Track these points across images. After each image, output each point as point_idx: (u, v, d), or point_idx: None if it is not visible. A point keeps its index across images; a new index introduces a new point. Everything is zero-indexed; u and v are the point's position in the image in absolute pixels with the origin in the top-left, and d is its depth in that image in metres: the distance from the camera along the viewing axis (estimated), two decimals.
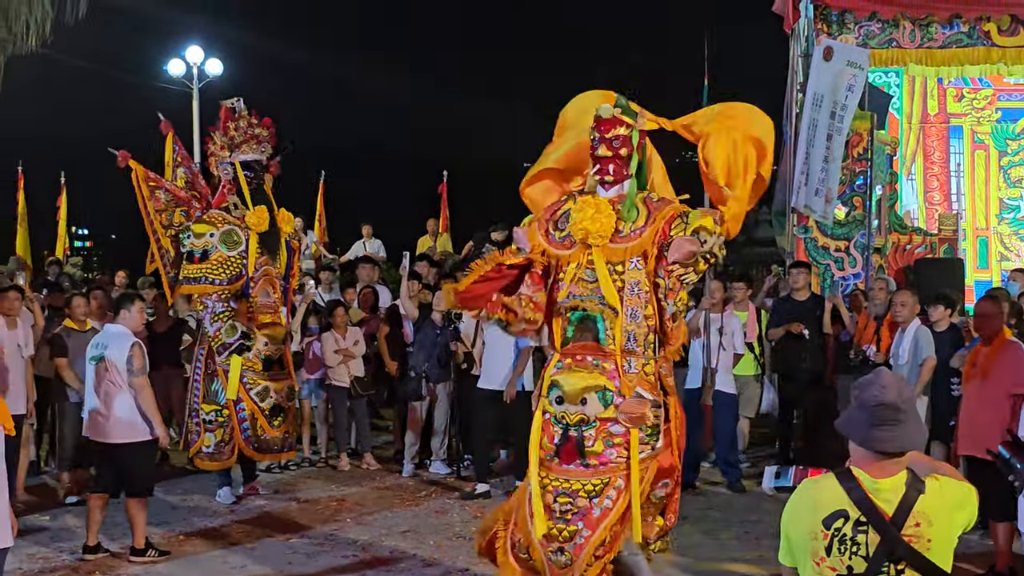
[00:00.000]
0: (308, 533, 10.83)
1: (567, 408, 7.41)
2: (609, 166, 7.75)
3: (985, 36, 17.51)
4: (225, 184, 12.39)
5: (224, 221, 12.16)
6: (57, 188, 25.36)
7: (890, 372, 4.14)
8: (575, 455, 7.36)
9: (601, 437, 7.35)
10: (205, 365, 12.06)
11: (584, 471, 7.35)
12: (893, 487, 3.98)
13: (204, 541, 10.61)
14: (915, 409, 4.07)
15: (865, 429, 4.02)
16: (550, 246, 7.78)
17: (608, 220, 7.55)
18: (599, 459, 7.35)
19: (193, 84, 31.24)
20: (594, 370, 7.43)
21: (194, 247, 12.02)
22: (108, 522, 10.39)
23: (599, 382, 7.39)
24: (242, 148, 12.33)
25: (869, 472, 4.02)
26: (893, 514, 3.95)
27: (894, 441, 3.98)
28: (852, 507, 3.98)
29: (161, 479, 12.62)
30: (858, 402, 4.07)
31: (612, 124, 7.76)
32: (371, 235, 21.14)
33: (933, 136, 21.24)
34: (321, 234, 23.57)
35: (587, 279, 7.60)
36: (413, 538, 10.60)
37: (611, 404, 7.38)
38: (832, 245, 16.61)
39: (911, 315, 11.64)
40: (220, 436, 11.97)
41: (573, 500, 7.32)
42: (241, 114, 12.41)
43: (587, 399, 7.37)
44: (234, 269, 12.09)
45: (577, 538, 7.29)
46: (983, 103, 21.12)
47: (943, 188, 21.25)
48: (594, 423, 7.35)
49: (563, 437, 7.40)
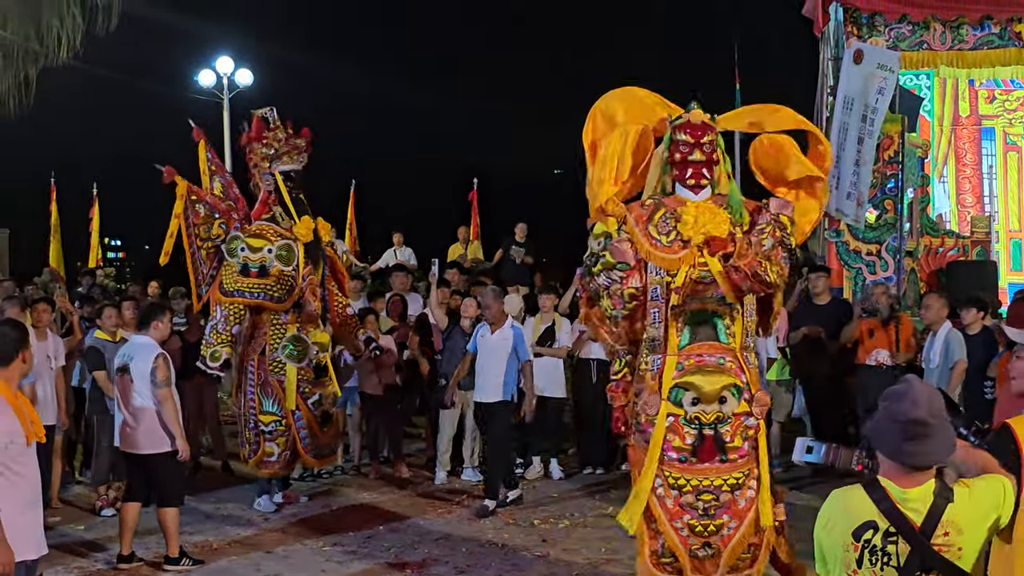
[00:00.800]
0: (341, 540, 10.83)
1: (703, 408, 7.52)
2: (703, 170, 7.84)
3: (1016, 37, 17.46)
4: (265, 195, 12.45)
5: (278, 235, 12.21)
6: (90, 199, 25.48)
7: (921, 384, 4.10)
8: (715, 452, 7.51)
9: (738, 432, 7.55)
10: (257, 376, 12.13)
11: (723, 466, 7.52)
12: (921, 497, 3.98)
13: (238, 549, 10.63)
14: (945, 421, 4.03)
15: (895, 443, 4.01)
16: (657, 251, 7.70)
17: (726, 223, 7.67)
18: (738, 453, 7.55)
19: (223, 94, 31.32)
20: (720, 369, 7.58)
21: (249, 261, 12.07)
22: (142, 531, 10.44)
23: (733, 380, 7.55)
24: (283, 159, 12.39)
25: (897, 482, 4.01)
26: (922, 524, 3.95)
27: (925, 456, 3.99)
28: (881, 518, 3.99)
29: (195, 488, 12.68)
30: (888, 414, 4.04)
31: (705, 129, 7.85)
32: (401, 243, 21.14)
33: (965, 138, 21.13)
34: (352, 243, 23.61)
35: (703, 280, 7.66)
36: (446, 545, 10.60)
37: (742, 399, 7.58)
38: (864, 249, 16.55)
39: (936, 317, 11.59)
40: (283, 446, 12.12)
41: (717, 496, 7.49)
42: (276, 124, 12.47)
43: (726, 397, 7.52)
44: (289, 284, 12.17)
45: (724, 530, 7.51)
46: (1015, 104, 20.99)
47: (975, 190, 21.14)
48: (730, 419, 7.53)
49: (699, 437, 7.51)
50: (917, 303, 14.96)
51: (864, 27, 17.54)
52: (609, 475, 13.62)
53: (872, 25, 17.56)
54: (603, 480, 13.45)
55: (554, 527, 11.24)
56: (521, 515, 11.72)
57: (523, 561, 10.03)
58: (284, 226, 12.29)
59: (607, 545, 10.31)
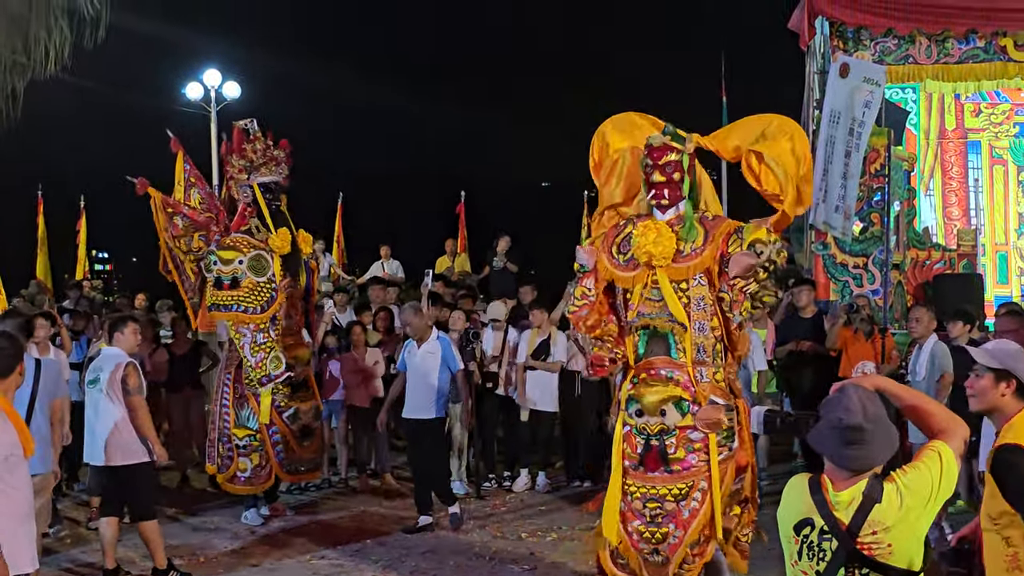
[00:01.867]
0: (328, 554, 10.83)
1: (647, 420, 7.87)
2: (664, 191, 8.11)
3: (1001, 51, 17.55)
4: (244, 207, 12.44)
5: (250, 246, 12.18)
6: (77, 212, 25.46)
7: (856, 390, 4.25)
8: (659, 463, 7.83)
9: (682, 444, 7.81)
10: (233, 389, 12.10)
11: (668, 477, 7.80)
12: (850, 499, 4.15)
13: (225, 562, 10.64)
14: (883, 422, 4.19)
15: (834, 448, 4.20)
16: (615, 269, 8.14)
17: (670, 242, 7.94)
18: (682, 464, 7.80)
19: (211, 107, 31.33)
20: (668, 382, 7.86)
21: (222, 274, 12.04)
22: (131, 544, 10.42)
23: (675, 393, 7.83)
24: (261, 170, 12.38)
25: (834, 484, 4.21)
26: (849, 523, 4.13)
27: (863, 459, 4.17)
28: (817, 516, 4.20)
29: (182, 501, 12.69)
30: (826, 422, 4.23)
31: (664, 151, 8.13)
32: (389, 256, 21.15)
33: (951, 151, 21.21)
34: (339, 256, 23.64)
35: (653, 298, 8.00)
36: (433, 558, 10.60)
37: (688, 413, 7.81)
38: (850, 262, 16.61)
39: (926, 331, 11.62)
40: (256, 461, 12.07)
41: (661, 504, 7.79)
42: (256, 136, 12.46)
43: (665, 410, 7.82)
44: (265, 295, 12.13)
45: (670, 538, 7.77)
46: (1001, 118, 21.08)
47: (961, 203, 21.21)
48: (674, 431, 7.81)
49: (646, 447, 7.87)
50: (904, 316, 15.02)
51: (850, 41, 17.61)
52: (596, 488, 13.62)
53: (858, 39, 17.62)
54: (591, 492, 13.44)
55: (542, 540, 11.24)
56: (509, 528, 11.73)
57: (510, 574, 10.03)
58: (259, 238, 12.28)
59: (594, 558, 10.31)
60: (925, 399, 4.64)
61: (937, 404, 4.62)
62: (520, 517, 12.28)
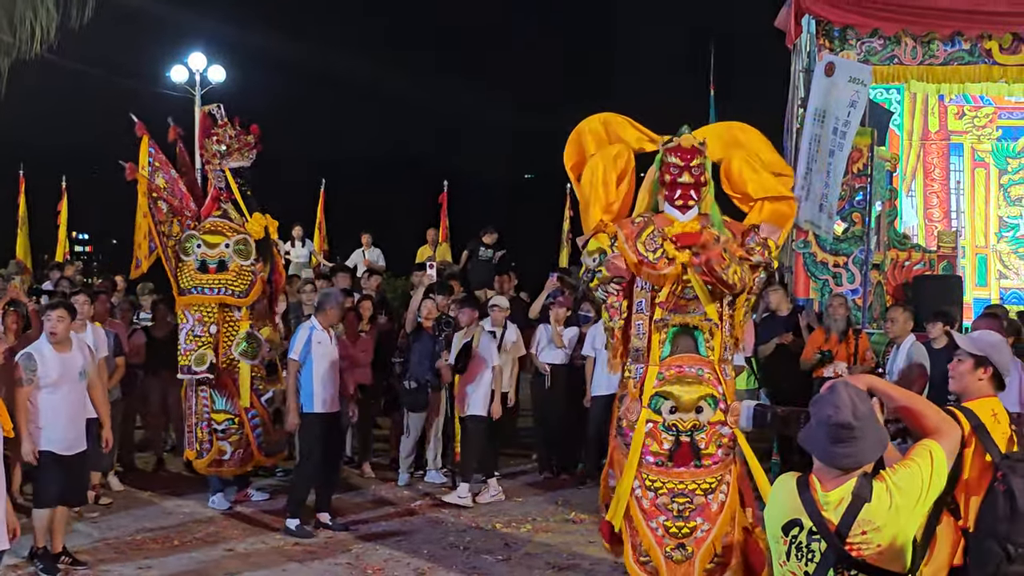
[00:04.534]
0: (303, 540, 10.82)
1: (680, 416, 7.95)
2: (691, 192, 8.23)
3: (987, 54, 17.56)
4: (216, 191, 12.45)
5: (233, 231, 12.22)
6: (58, 192, 25.37)
7: (845, 388, 4.22)
8: (690, 457, 7.94)
9: (713, 440, 7.97)
10: None
11: (698, 471, 7.93)
12: (839, 498, 4.12)
13: (199, 546, 10.60)
14: (873, 420, 4.18)
15: (823, 446, 4.18)
16: (645, 267, 8.04)
17: None
18: (712, 459, 7.96)
19: (195, 91, 31.23)
20: (699, 379, 8.00)
21: (207, 257, 12.07)
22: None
23: (708, 390, 7.98)
24: (233, 156, 12.40)
25: (822, 483, 4.18)
26: (838, 524, 4.10)
27: (852, 457, 4.14)
28: (806, 517, 4.17)
29: (157, 484, 12.69)
30: (816, 419, 4.20)
31: (694, 153, 8.25)
32: (370, 244, 21.11)
33: (933, 153, 21.25)
34: (320, 243, 23.59)
35: (686, 296, 8.07)
36: (407, 546, 10.60)
37: (718, 409, 7.98)
38: (831, 261, 16.62)
39: (901, 331, 11.67)
40: (236, 444, 12.09)
41: (691, 499, 7.90)
42: (224, 121, 12.46)
43: (702, 407, 7.95)
44: (248, 279, 12.18)
45: (698, 532, 7.90)
46: (984, 121, 21.14)
47: (943, 205, 21.26)
48: (705, 427, 7.95)
49: (675, 443, 7.94)
50: (883, 316, 15.05)
51: (836, 40, 17.62)
52: (571, 479, 13.65)
53: (844, 38, 17.63)
54: (565, 485, 13.47)
55: (516, 530, 11.26)
56: (483, 519, 11.73)
57: (484, 564, 10.04)
58: (237, 222, 12.30)
59: (569, 550, 10.35)
60: (917, 399, 4.65)
61: (929, 404, 4.62)
62: (495, 507, 12.29)
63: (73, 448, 9.54)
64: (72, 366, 9.51)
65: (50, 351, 9.37)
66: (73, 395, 9.55)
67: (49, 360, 9.35)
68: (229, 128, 12.42)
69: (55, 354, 9.38)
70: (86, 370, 9.67)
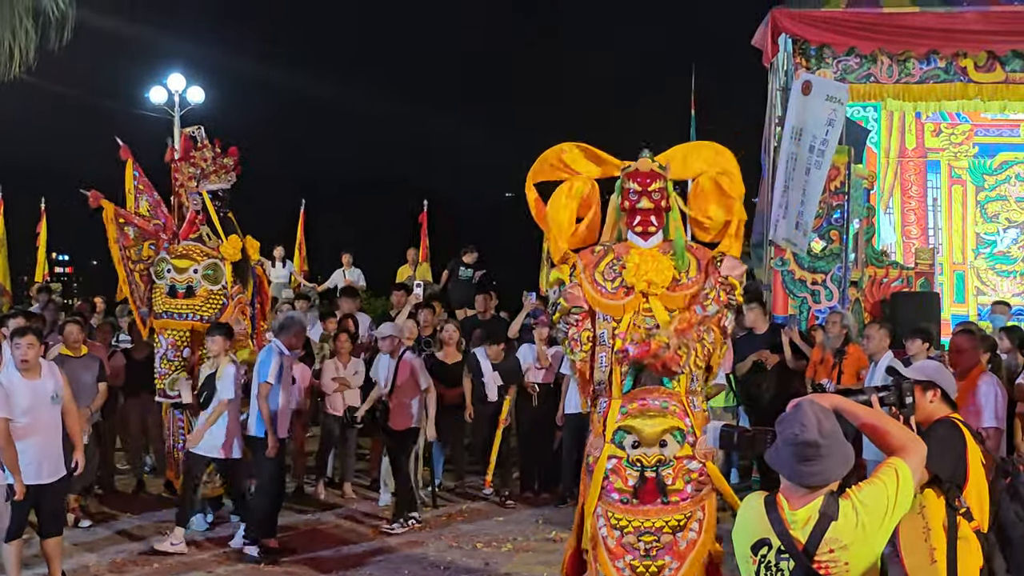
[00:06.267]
0: (283, 560, 10.82)
1: (644, 451, 7.50)
2: (651, 218, 7.93)
3: (962, 72, 17.67)
4: (193, 214, 12.49)
5: (204, 254, 12.28)
6: (38, 214, 25.30)
7: (810, 406, 4.25)
8: (656, 494, 7.48)
9: (680, 475, 7.50)
10: None
11: (665, 508, 7.48)
12: (807, 517, 4.15)
13: (180, 568, 10.59)
14: (838, 438, 4.20)
15: (790, 465, 4.20)
16: (602, 298, 7.84)
17: (668, 270, 7.78)
18: (680, 495, 7.50)
19: (174, 111, 31.23)
20: (664, 412, 7.55)
21: (176, 282, 12.15)
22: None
23: (674, 423, 7.52)
24: (210, 178, 12.46)
25: (790, 502, 4.21)
26: (806, 542, 4.12)
27: (819, 475, 4.17)
28: (774, 536, 4.18)
29: (138, 507, 12.66)
30: (781, 439, 4.22)
31: (653, 177, 7.95)
32: (351, 264, 21.15)
33: (910, 170, 21.32)
34: (301, 263, 23.60)
35: (646, 326, 7.71)
36: (388, 567, 10.61)
37: (685, 443, 7.52)
38: (809, 278, 16.67)
39: (878, 347, 11.72)
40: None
41: (658, 537, 7.46)
42: (204, 143, 12.52)
43: (666, 441, 7.49)
44: (218, 304, 12.23)
45: (666, 571, 7.48)
46: (961, 138, 21.22)
47: (920, 222, 21.32)
48: (671, 462, 7.49)
49: (640, 479, 7.48)
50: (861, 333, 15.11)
51: (812, 59, 17.69)
52: (552, 499, 13.65)
53: (820, 57, 17.71)
54: (546, 504, 13.48)
55: (496, 550, 11.25)
56: (464, 538, 11.74)
57: None
58: (211, 245, 12.36)
59: (548, 569, 10.33)
60: (882, 417, 4.67)
61: (894, 422, 4.66)
62: (476, 527, 12.30)
63: (52, 476, 9.50)
64: (43, 392, 9.41)
65: (19, 379, 9.27)
66: (46, 421, 9.46)
67: (19, 388, 9.24)
68: (207, 151, 12.48)
69: (24, 381, 9.27)
70: (58, 394, 9.56)
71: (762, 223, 17.03)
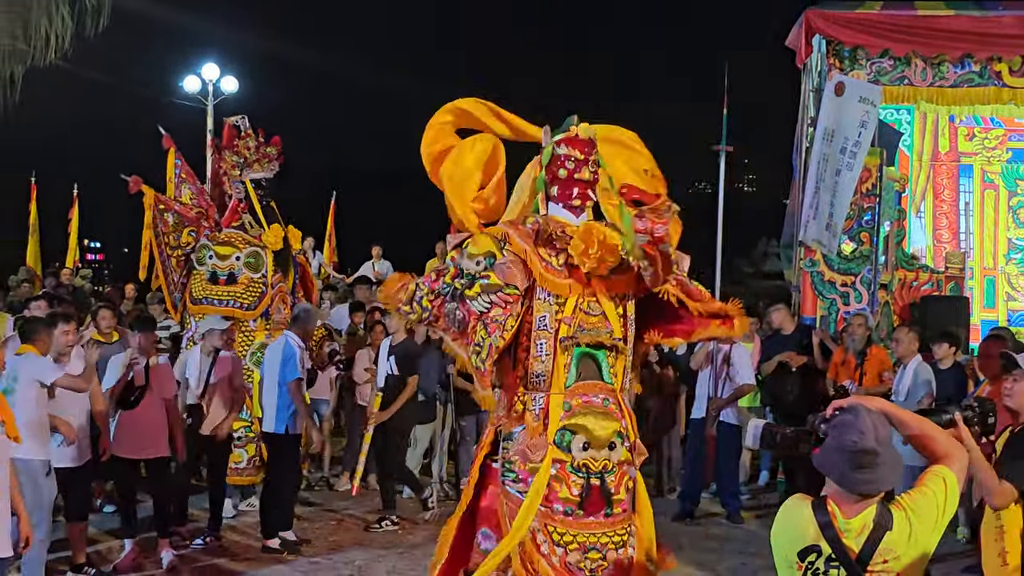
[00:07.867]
0: (306, 550, 10.88)
1: (593, 455, 6.47)
2: (588, 191, 6.86)
3: (996, 76, 17.61)
4: (236, 203, 12.55)
5: (246, 242, 12.34)
6: (70, 200, 25.40)
7: (867, 413, 4.15)
8: (601, 504, 6.49)
9: (622, 483, 6.57)
10: None
11: (607, 521, 6.50)
12: (861, 526, 4.06)
13: (203, 556, 10.67)
14: (891, 447, 4.12)
15: (843, 471, 4.09)
16: (548, 274, 6.65)
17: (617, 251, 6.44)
18: (621, 506, 6.56)
19: (208, 101, 31.28)
20: (607, 412, 6.55)
21: (218, 269, 12.20)
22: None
23: (618, 425, 6.57)
24: (253, 167, 12.50)
25: (842, 509, 4.10)
26: (860, 552, 4.04)
27: (873, 483, 4.07)
28: (824, 544, 4.08)
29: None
30: (836, 443, 4.12)
31: (591, 146, 6.88)
32: (380, 256, 21.14)
33: (943, 174, 21.26)
34: (331, 254, 23.62)
35: (591, 312, 6.67)
36: (410, 559, 10.63)
37: (625, 446, 6.61)
38: (838, 280, 16.63)
39: (907, 351, 11.67)
40: (252, 451, 12.23)
41: (604, 554, 6.47)
42: (247, 132, 12.58)
43: (615, 443, 6.51)
44: (258, 292, 12.28)
45: None
46: (994, 143, 21.13)
47: (951, 226, 21.26)
48: (614, 469, 6.52)
49: (586, 487, 6.47)
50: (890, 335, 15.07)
51: (846, 60, 17.65)
52: None
53: (854, 59, 17.67)
54: None
55: None
56: None
57: None
58: (253, 234, 12.41)
59: None
60: (927, 424, 4.53)
61: (939, 429, 4.52)
62: None
63: (78, 460, 9.63)
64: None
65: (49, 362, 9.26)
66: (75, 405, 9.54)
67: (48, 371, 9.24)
68: (250, 140, 12.56)
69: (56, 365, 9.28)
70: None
71: (792, 224, 17.02)
